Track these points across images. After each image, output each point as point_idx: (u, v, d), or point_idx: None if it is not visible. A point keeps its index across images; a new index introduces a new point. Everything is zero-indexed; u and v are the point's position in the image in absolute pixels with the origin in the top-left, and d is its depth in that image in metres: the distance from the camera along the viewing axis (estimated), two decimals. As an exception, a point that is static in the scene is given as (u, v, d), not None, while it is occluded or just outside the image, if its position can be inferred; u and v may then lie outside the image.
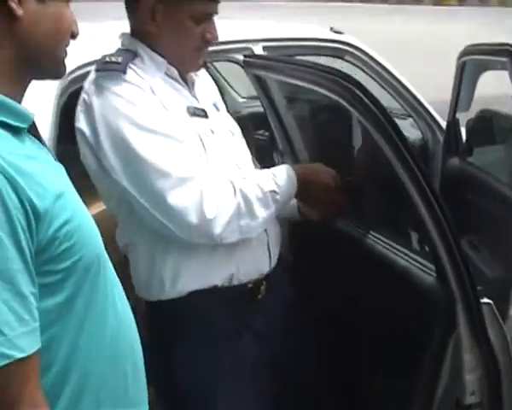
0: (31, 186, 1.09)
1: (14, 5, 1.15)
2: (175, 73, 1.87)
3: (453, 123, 3.17)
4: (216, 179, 1.78)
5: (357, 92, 1.70)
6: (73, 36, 1.26)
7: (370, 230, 2.19)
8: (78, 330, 1.19)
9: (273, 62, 2.33)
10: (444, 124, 3.34)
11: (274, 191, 1.85)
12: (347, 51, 3.26)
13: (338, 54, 3.29)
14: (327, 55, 3.33)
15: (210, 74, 2.09)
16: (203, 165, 1.80)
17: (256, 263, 1.93)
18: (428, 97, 3.47)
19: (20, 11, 1.15)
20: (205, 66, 2.05)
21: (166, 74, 1.86)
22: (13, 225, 1.07)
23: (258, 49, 2.89)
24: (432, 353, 1.80)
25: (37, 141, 1.23)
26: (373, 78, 3.31)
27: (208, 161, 1.82)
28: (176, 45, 1.85)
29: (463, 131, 3.22)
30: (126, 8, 1.88)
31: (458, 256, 1.68)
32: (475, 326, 1.71)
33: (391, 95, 3.35)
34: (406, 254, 1.99)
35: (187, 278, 1.84)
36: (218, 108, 2.01)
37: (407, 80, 3.37)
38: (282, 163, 2.21)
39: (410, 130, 3.55)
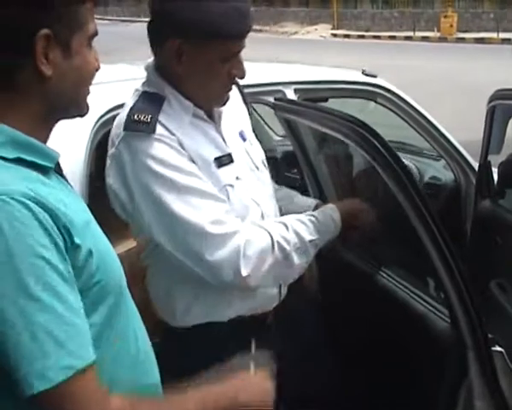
0: (64, 218, 1.15)
1: (43, 68, 1.18)
2: (201, 113, 1.86)
3: (485, 165, 3.17)
4: (255, 233, 1.78)
5: (369, 137, 1.75)
6: (96, 70, 1.29)
7: (393, 275, 2.23)
8: (102, 356, 1.22)
9: (299, 107, 2.39)
10: (476, 166, 3.34)
11: (314, 240, 1.85)
12: (379, 94, 3.28)
13: (370, 96, 3.32)
14: (359, 98, 3.38)
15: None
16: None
17: (265, 300, 1.95)
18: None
19: (49, 72, 1.18)
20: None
21: (194, 115, 1.84)
22: (58, 248, 1.13)
23: (289, 92, 2.93)
24: (444, 398, 1.82)
25: (61, 178, 1.30)
26: (405, 120, 3.34)
27: (232, 211, 1.82)
28: (202, 86, 1.82)
29: (495, 173, 3.22)
30: (151, 43, 1.83)
31: (470, 303, 1.71)
32: (486, 373, 1.72)
33: (423, 136, 3.37)
34: (424, 299, 2.02)
35: (197, 312, 1.87)
36: (244, 138, 1.98)
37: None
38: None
39: (443, 171, 3.57)
